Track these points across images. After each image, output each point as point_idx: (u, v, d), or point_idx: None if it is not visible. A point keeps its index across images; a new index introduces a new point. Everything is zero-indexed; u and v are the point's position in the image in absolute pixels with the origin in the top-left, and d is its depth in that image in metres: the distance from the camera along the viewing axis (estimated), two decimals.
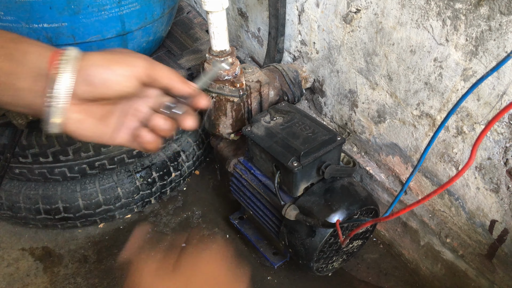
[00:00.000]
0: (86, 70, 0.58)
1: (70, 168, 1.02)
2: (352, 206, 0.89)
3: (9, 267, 1.10)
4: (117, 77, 0.60)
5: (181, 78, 0.68)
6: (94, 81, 0.59)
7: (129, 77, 0.61)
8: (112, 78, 0.60)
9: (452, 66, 0.78)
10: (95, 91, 0.61)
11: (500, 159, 0.78)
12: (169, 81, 0.66)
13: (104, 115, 0.67)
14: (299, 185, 0.89)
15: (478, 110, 0.77)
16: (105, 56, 0.60)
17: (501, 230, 0.84)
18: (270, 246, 1.10)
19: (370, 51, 0.94)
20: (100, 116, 0.66)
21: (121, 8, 0.91)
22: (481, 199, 0.85)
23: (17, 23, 0.84)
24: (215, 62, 0.83)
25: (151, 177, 1.15)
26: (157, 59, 1.16)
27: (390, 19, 0.85)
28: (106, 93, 0.62)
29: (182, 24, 1.31)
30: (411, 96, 0.89)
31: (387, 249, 1.14)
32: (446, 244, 0.96)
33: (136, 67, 0.61)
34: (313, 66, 1.15)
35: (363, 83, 1.00)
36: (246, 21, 1.38)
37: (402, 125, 0.95)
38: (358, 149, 1.14)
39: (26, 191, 1.08)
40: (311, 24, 1.09)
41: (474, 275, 0.92)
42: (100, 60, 0.60)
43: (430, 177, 0.95)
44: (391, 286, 1.06)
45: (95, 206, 1.11)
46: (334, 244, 0.93)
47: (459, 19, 0.73)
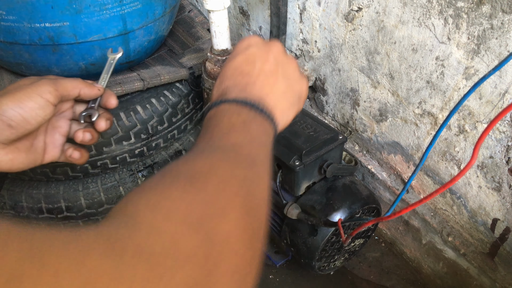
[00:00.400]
0: (1, 116, 0.61)
1: (72, 168, 1.02)
2: (354, 205, 0.89)
3: None
4: (31, 111, 0.63)
5: (86, 83, 0.73)
6: (13, 124, 0.62)
7: (42, 107, 0.64)
8: (27, 114, 0.63)
9: (454, 65, 0.78)
10: (17, 131, 0.64)
11: (502, 158, 0.77)
12: (76, 90, 0.70)
13: (30, 144, 0.70)
14: (301, 184, 0.89)
15: (480, 109, 0.77)
16: (13, 96, 0.62)
17: (503, 229, 0.84)
18: (272, 245, 1.10)
19: (371, 50, 0.94)
20: (28, 147, 0.70)
21: (123, 8, 0.91)
22: (483, 197, 0.85)
23: (19, 23, 0.84)
24: (108, 55, 0.84)
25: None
26: (159, 58, 1.16)
27: (392, 18, 0.85)
28: (27, 129, 0.64)
29: (184, 22, 1.31)
30: (413, 95, 0.89)
31: (389, 247, 1.14)
32: (448, 242, 0.96)
33: (44, 93, 0.64)
34: (315, 64, 1.15)
35: (364, 81, 1.00)
36: (247, 20, 1.38)
37: (404, 123, 0.95)
38: (360, 147, 1.14)
39: (28, 190, 1.08)
40: (313, 22, 1.09)
41: (476, 274, 0.92)
42: (9, 102, 0.62)
43: (432, 175, 0.95)
44: (393, 284, 1.06)
45: (97, 205, 1.11)
46: (336, 243, 0.93)
47: (461, 17, 0.73)
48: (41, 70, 0.97)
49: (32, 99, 0.63)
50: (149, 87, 1.06)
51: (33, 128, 0.65)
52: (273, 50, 0.61)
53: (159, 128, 1.08)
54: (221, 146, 0.44)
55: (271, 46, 0.62)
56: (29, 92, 0.63)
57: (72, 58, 0.95)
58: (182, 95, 1.11)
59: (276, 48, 0.61)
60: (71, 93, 0.69)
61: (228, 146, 0.45)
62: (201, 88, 1.11)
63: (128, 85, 1.02)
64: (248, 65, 0.58)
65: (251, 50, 0.60)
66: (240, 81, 0.57)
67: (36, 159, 0.71)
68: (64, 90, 0.68)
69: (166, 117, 1.08)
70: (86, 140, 0.73)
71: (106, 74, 0.81)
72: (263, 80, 0.58)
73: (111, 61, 0.83)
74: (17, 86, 0.65)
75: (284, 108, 0.58)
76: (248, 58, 0.59)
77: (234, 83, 0.57)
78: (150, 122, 1.05)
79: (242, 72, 0.58)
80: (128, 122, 1.02)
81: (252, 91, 0.55)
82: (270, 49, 0.61)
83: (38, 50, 0.90)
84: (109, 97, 0.77)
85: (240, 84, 0.56)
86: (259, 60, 0.59)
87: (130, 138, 1.04)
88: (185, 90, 1.12)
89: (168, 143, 1.15)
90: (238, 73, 0.58)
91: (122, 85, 1.01)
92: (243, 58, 0.59)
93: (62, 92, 0.67)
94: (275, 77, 0.59)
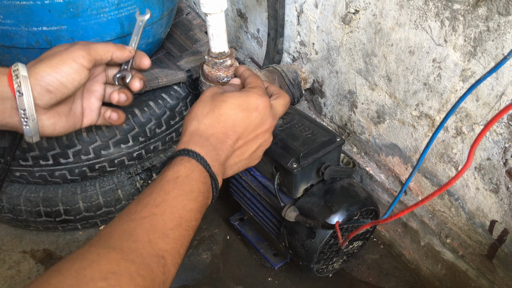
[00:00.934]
0: (40, 82, 0.64)
1: (71, 171, 1.02)
2: (352, 207, 0.89)
3: (10, 269, 1.10)
4: (68, 76, 0.66)
5: (117, 46, 0.76)
6: (51, 88, 0.66)
7: (77, 71, 0.67)
8: (64, 78, 0.66)
9: (451, 67, 0.78)
10: (56, 96, 0.67)
11: (499, 160, 0.78)
12: (108, 54, 0.73)
13: (69, 109, 0.73)
14: (298, 186, 0.89)
15: (477, 111, 0.77)
16: (49, 62, 0.66)
17: (501, 231, 0.84)
18: (270, 247, 1.10)
19: (369, 52, 0.94)
20: (67, 112, 0.73)
21: (120, 11, 0.91)
22: (481, 199, 0.85)
23: (17, 27, 0.84)
24: (136, 17, 0.86)
25: (152, 179, 1.15)
26: (157, 60, 1.16)
27: (389, 20, 0.86)
28: (65, 93, 0.68)
29: (182, 25, 1.31)
30: (410, 97, 0.89)
31: (388, 249, 1.14)
32: (446, 244, 0.96)
33: (78, 58, 0.67)
34: (313, 67, 1.16)
35: (362, 83, 1.01)
36: (245, 22, 1.38)
37: (402, 125, 0.95)
38: (358, 149, 1.14)
39: (26, 193, 1.08)
40: (310, 25, 1.09)
41: (475, 275, 0.92)
42: (47, 68, 0.66)
43: (429, 177, 0.95)
44: (392, 286, 1.06)
45: (95, 208, 1.11)
46: (334, 245, 0.93)
47: (457, 19, 0.73)
48: None
49: (67, 64, 0.66)
50: (147, 90, 1.06)
51: (70, 92, 0.68)
52: (268, 126, 0.68)
53: (157, 131, 1.08)
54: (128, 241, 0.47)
55: (269, 120, 0.69)
56: (64, 57, 0.66)
57: None
58: (180, 98, 1.11)
59: (271, 124, 0.70)
60: (103, 57, 0.72)
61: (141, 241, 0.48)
62: (199, 91, 1.11)
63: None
64: (237, 132, 0.64)
65: (252, 117, 0.66)
66: (220, 142, 0.63)
67: (75, 123, 0.75)
68: (97, 54, 0.71)
69: (164, 120, 1.08)
70: (122, 101, 0.76)
71: (136, 36, 0.83)
72: (241, 154, 0.66)
73: (140, 23, 0.85)
74: (51, 53, 0.68)
75: (234, 170, 0.67)
76: (244, 124, 0.65)
77: (215, 139, 0.62)
78: (148, 125, 1.05)
79: (226, 134, 0.63)
80: (126, 125, 1.02)
81: (219, 157, 0.62)
82: (266, 123, 0.68)
83: (36, 54, 0.90)
84: (142, 57, 0.80)
85: (217, 145, 0.62)
86: (250, 134, 0.66)
87: (128, 141, 1.04)
88: (183, 93, 1.13)
89: (166, 146, 1.15)
90: (223, 132, 0.63)
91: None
92: (241, 120, 0.64)
93: (95, 56, 0.70)
94: (247, 153, 0.67)
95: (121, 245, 0.45)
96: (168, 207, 0.51)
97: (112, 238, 0.46)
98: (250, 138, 0.66)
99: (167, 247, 0.48)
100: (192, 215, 0.53)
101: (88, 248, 0.44)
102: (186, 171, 0.55)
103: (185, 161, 0.57)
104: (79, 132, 0.97)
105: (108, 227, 0.48)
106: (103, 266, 0.42)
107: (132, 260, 0.44)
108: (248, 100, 0.65)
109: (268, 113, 0.68)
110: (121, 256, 0.43)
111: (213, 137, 0.62)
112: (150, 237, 0.47)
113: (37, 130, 0.67)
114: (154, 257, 0.46)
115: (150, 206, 0.50)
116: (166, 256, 0.47)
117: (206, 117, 0.63)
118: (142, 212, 0.49)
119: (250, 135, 0.66)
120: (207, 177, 0.58)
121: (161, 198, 0.51)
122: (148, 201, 0.51)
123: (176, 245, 0.49)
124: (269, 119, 0.68)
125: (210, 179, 0.58)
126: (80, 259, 0.43)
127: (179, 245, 0.50)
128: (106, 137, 1.00)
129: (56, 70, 0.65)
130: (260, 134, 0.67)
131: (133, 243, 0.46)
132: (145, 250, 0.46)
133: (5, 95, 0.63)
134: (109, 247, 0.44)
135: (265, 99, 0.67)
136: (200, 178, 0.56)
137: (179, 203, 0.52)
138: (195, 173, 0.56)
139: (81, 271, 0.41)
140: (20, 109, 0.63)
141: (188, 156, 0.57)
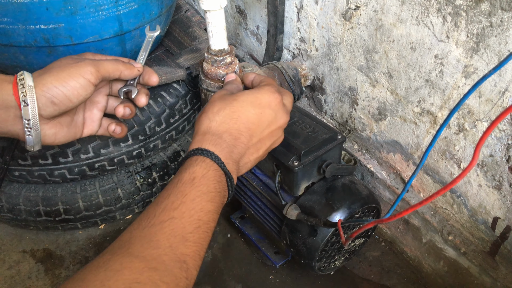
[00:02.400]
0: (45, 94, 0.64)
1: (70, 170, 1.02)
2: (353, 204, 0.89)
3: (10, 269, 1.10)
4: (74, 91, 0.66)
5: (126, 66, 0.76)
6: (56, 101, 0.66)
7: (83, 86, 0.67)
8: (69, 92, 0.66)
9: (453, 63, 0.77)
10: (60, 108, 0.67)
11: (502, 156, 0.77)
12: (117, 73, 0.73)
13: (71, 119, 0.74)
14: (300, 184, 0.88)
15: (480, 107, 0.76)
16: (57, 75, 0.66)
17: (504, 227, 0.83)
18: (271, 246, 1.09)
19: (370, 48, 0.93)
20: (69, 122, 0.73)
21: (118, 8, 0.90)
22: (483, 196, 0.84)
23: (14, 25, 0.83)
24: (146, 32, 0.86)
25: (152, 178, 1.15)
26: (156, 58, 1.15)
27: (390, 16, 0.85)
28: (69, 106, 0.68)
29: (181, 22, 1.30)
30: (412, 93, 0.89)
31: (389, 246, 1.13)
32: (448, 241, 0.95)
33: (86, 74, 0.67)
34: (313, 63, 1.15)
35: (363, 80, 1.00)
36: (244, 19, 1.37)
37: (403, 122, 0.94)
38: (359, 146, 1.13)
39: (26, 193, 1.08)
40: (310, 21, 1.08)
41: (477, 272, 0.92)
42: (54, 80, 0.66)
43: (431, 174, 0.95)
44: (394, 283, 1.05)
45: (95, 208, 1.10)
46: (336, 243, 0.93)
47: (459, 15, 0.72)
48: None
49: (75, 79, 0.66)
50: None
51: (74, 105, 0.68)
52: (282, 122, 0.68)
53: (157, 129, 1.07)
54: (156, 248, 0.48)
55: (284, 117, 0.68)
56: (73, 72, 0.66)
57: None
58: (179, 96, 1.10)
59: (285, 121, 0.69)
60: (112, 75, 0.72)
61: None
62: (199, 89, 1.11)
63: None
64: (250, 128, 0.63)
65: (266, 114, 0.64)
66: (233, 138, 0.61)
67: (76, 133, 0.75)
68: (106, 72, 0.71)
69: (164, 118, 1.07)
70: (127, 114, 0.76)
71: (144, 51, 0.83)
72: (255, 151, 0.65)
73: (149, 39, 0.86)
74: (60, 64, 0.69)
75: (247, 168, 0.66)
76: (257, 121, 0.64)
77: (228, 136, 0.61)
78: (148, 123, 1.04)
79: (240, 131, 0.62)
80: (126, 124, 1.01)
81: (233, 155, 0.61)
82: (280, 120, 0.67)
83: (34, 52, 0.90)
84: (150, 75, 0.80)
85: (230, 142, 0.61)
86: (264, 131, 0.65)
87: (128, 139, 1.03)
88: (183, 91, 1.12)
89: (166, 144, 1.15)
90: (236, 128, 0.62)
91: None
92: (254, 117, 0.63)
93: (104, 73, 0.70)
94: (262, 150, 0.67)
95: (143, 253, 0.45)
96: (187, 210, 0.50)
97: (133, 245, 0.46)
98: (264, 136, 0.65)
99: (188, 251, 0.48)
100: (210, 217, 0.53)
101: (111, 257, 0.45)
102: (202, 171, 0.55)
103: (200, 161, 0.56)
104: None
105: (128, 232, 0.49)
106: (127, 276, 0.42)
107: (155, 268, 0.44)
108: (260, 97, 0.64)
109: (282, 110, 0.67)
110: (144, 265, 0.44)
111: (226, 134, 0.60)
112: (170, 242, 0.47)
113: (39, 139, 0.67)
114: (177, 263, 0.46)
115: (168, 209, 0.50)
116: (187, 260, 0.47)
117: (217, 115, 0.61)
118: (161, 216, 0.49)
119: (264, 132, 0.64)
120: (222, 176, 0.57)
121: (179, 201, 0.51)
122: (166, 204, 0.51)
123: (196, 248, 0.49)
124: (284, 116, 0.67)
125: (225, 178, 0.57)
126: (104, 269, 0.43)
127: (200, 248, 0.50)
128: (105, 136, 0.99)
129: (64, 84, 0.65)
130: (274, 131, 0.67)
131: (154, 250, 0.46)
132: (167, 256, 0.46)
133: (9, 103, 0.63)
134: (131, 256, 0.45)
135: (277, 96, 0.65)
136: (216, 177, 0.56)
137: (197, 205, 0.52)
138: (211, 173, 0.55)
139: (105, 281, 0.41)
140: (25, 119, 0.63)
141: (202, 155, 0.57)
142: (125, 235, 0.48)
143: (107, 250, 0.47)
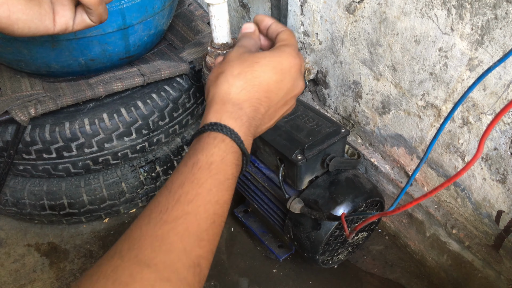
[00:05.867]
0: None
1: (74, 164, 1.02)
2: (357, 198, 0.89)
3: (15, 263, 1.10)
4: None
5: None
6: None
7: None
8: None
9: (458, 56, 0.77)
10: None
11: (506, 150, 0.77)
12: None
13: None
14: (303, 178, 0.88)
15: (484, 100, 0.76)
16: None
17: (508, 221, 0.83)
18: (275, 239, 1.10)
19: (373, 42, 0.93)
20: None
21: (122, 2, 0.90)
22: (488, 189, 0.84)
23: None
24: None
25: (155, 172, 1.15)
26: (159, 52, 1.15)
27: (394, 9, 0.84)
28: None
29: (184, 16, 1.30)
30: (416, 87, 0.88)
31: (393, 240, 1.13)
32: (452, 235, 0.95)
33: None
34: (316, 57, 1.14)
35: (367, 74, 0.99)
36: (247, 13, 1.37)
37: (407, 116, 0.94)
38: (362, 140, 1.13)
39: (30, 187, 1.08)
40: (314, 14, 1.07)
41: (481, 266, 0.91)
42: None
43: (435, 168, 0.94)
44: (397, 277, 1.05)
45: (99, 201, 1.11)
46: (340, 237, 0.93)
47: (464, 7, 0.71)
48: (41, 66, 0.96)
49: None
50: (149, 82, 1.05)
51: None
52: (298, 90, 0.60)
53: (160, 123, 1.07)
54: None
55: (300, 84, 0.61)
56: None
57: (72, 54, 0.94)
58: (183, 90, 1.10)
59: (302, 89, 0.61)
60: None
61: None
62: (202, 83, 1.10)
63: (128, 81, 1.01)
64: (269, 98, 0.56)
65: (286, 81, 0.58)
66: (254, 110, 0.55)
67: (42, 16, 0.61)
68: None
69: (167, 112, 1.07)
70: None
71: None
72: (268, 121, 0.58)
73: None
74: None
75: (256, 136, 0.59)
76: (276, 90, 0.57)
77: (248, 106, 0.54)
78: (151, 117, 1.04)
79: (260, 101, 0.55)
80: (129, 118, 1.01)
81: (251, 128, 0.54)
82: (297, 87, 0.60)
83: (37, 46, 0.90)
84: None
85: (250, 114, 0.54)
86: (281, 100, 0.58)
87: (132, 133, 1.03)
88: (186, 85, 1.12)
89: (170, 138, 1.15)
90: (257, 97, 0.55)
91: (122, 80, 1.01)
92: (274, 84, 0.56)
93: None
94: (274, 120, 0.60)
95: (155, 259, 0.42)
96: (202, 204, 0.46)
97: (144, 247, 0.43)
98: (280, 105, 0.58)
99: (202, 251, 0.45)
100: (225, 208, 0.49)
101: (120, 263, 0.42)
102: (221, 154, 0.49)
103: (219, 141, 0.50)
104: (82, 125, 0.96)
105: (138, 228, 0.45)
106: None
107: (167, 279, 0.41)
108: (282, 62, 0.56)
109: (300, 76, 0.60)
110: (155, 276, 0.41)
111: (247, 103, 0.53)
112: (184, 244, 0.44)
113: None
114: (190, 268, 0.43)
115: (182, 202, 0.46)
116: (201, 263, 0.45)
117: (238, 79, 0.53)
118: (174, 210, 0.45)
119: (280, 102, 0.58)
120: (240, 157, 0.51)
121: (194, 191, 0.47)
122: (180, 195, 0.46)
123: (210, 246, 0.46)
124: (301, 82, 0.60)
125: (242, 157, 0.52)
126: (113, 279, 0.40)
127: (213, 245, 0.47)
128: (109, 130, 0.99)
129: None
130: (289, 100, 0.60)
131: (167, 256, 0.43)
132: (180, 262, 0.43)
133: None
134: (141, 264, 0.42)
135: (298, 61, 0.58)
136: (234, 160, 0.50)
137: (213, 196, 0.47)
138: (230, 156, 0.50)
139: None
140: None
141: (222, 133, 0.50)
142: (134, 231, 0.45)
143: (115, 250, 0.43)
